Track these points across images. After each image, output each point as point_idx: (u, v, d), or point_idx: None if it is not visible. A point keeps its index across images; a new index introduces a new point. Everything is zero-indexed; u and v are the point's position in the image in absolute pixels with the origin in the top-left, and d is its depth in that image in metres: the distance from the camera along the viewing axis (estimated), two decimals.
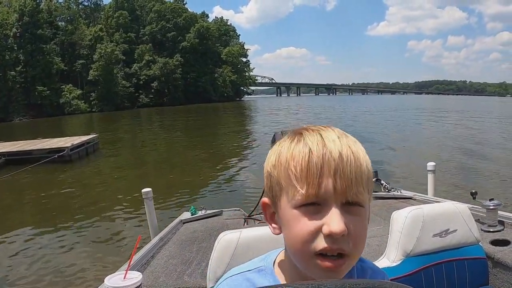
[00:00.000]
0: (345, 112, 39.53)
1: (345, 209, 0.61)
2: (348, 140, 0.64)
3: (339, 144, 0.63)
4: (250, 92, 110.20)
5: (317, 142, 0.63)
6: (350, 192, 0.60)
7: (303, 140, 0.64)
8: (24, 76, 57.09)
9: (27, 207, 8.84)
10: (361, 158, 0.63)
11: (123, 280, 1.10)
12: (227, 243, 1.30)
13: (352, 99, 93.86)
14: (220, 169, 11.82)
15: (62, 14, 68.80)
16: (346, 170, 0.61)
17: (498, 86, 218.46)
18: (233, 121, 33.52)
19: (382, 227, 2.75)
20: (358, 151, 0.63)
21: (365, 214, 0.63)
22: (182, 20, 77.68)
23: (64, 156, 13.56)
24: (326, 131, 0.65)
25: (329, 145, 0.62)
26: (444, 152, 13.31)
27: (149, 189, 3.45)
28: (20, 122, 49.04)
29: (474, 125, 23.58)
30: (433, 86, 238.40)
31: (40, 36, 58.65)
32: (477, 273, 1.77)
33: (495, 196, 2.60)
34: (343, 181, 0.60)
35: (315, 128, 0.66)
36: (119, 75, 65.65)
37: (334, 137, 0.64)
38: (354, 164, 0.61)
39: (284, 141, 0.67)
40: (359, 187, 0.61)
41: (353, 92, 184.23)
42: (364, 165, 0.63)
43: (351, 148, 0.63)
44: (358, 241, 0.61)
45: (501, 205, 2.30)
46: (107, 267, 4.78)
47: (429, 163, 3.96)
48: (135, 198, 8.48)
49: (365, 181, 0.62)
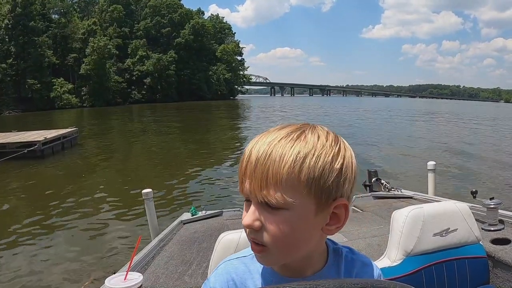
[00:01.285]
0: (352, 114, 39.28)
1: (264, 208, 0.64)
2: (284, 144, 0.64)
3: (265, 147, 0.64)
4: (244, 91, 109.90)
5: (253, 143, 0.66)
6: (260, 194, 0.63)
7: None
8: (15, 69, 56.27)
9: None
10: (284, 163, 0.63)
11: (124, 281, 1.08)
12: (227, 243, 1.31)
13: (352, 101, 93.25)
14: (220, 169, 11.57)
15: (55, 6, 67.93)
16: (258, 173, 0.63)
17: (491, 92, 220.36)
18: (229, 119, 33.19)
19: (382, 226, 2.72)
20: (285, 156, 0.63)
21: (285, 216, 0.64)
22: (177, 16, 77.07)
23: (35, 151, 12.60)
24: (271, 132, 0.67)
25: (255, 146, 0.65)
26: (445, 151, 13.34)
27: (149, 189, 3.43)
28: (9, 115, 48.18)
29: (474, 127, 23.75)
30: (427, 90, 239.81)
31: (32, 28, 57.73)
32: (477, 272, 1.77)
33: (495, 195, 2.73)
34: (254, 183, 0.64)
35: (273, 129, 0.68)
36: (112, 70, 64.81)
37: (268, 140, 0.65)
38: (269, 168, 0.63)
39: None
40: (269, 189, 0.63)
41: (347, 94, 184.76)
42: (283, 170, 0.62)
43: (276, 152, 0.63)
44: (273, 238, 0.64)
45: (501, 204, 2.30)
46: (108, 268, 4.76)
47: (429, 163, 3.94)
48: (112, 201, 8.26)
49: (281, 183, 0.62)
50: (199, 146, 16.69)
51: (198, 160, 13.11)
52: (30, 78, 55.91)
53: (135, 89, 68.76)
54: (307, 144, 0.64)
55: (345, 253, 0.78)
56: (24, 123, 26.71)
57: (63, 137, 14.77)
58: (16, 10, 57.12)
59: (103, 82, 61.38)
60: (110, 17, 71.73)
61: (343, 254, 0.78)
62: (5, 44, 56.60)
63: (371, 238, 2.50)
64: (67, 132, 15.45)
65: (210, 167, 11.94)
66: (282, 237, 0.64)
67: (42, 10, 62.07)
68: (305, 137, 0.65)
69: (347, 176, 0.66)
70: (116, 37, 69.12)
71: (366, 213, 3.17)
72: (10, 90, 54.37)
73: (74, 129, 16.31)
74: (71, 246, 5.84)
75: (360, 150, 12.73)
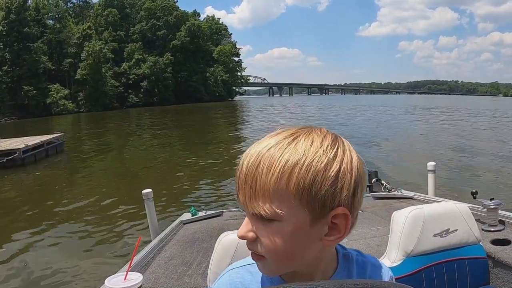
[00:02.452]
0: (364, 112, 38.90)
1: (257, 219, 0.62)
2: (273, 152, 0.61)
3: (255, 157, 0.62)
4: (242, 92, 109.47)
5: (246, 152, 0.64)
6: (250, 205, 0.62)
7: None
8: (11, 76, 55.82)
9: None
10: (272, 173, 0.60)
11: (124, 282, 1.10)
12: (227, 243, 1.31)
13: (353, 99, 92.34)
14: (220, 169, 11.40)
15: (50, 12, 67.51)
16: (247, 184, 0.61)
17: (490, 86, 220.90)
18: (228, 120, 32.91)
19: (382, 227, 2.67)
20: (272, 164, 0.60)
21: (277, 227, 0.62)
22: (173, 18, 76.63)
23: (15, 159, 11.79)
24: (267, 139, 0.64)
25: (247, 157, 0.63)
26: (445, 151, 13.09)
27: (149, 190, 3.37)
28: (5, 122, 47.65)
29: (474, 123, 23.39)
30: (425, 86, 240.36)
31: (27, 34, 57.30)
32: (477, 272, 1.77)
33: (495, 195, 2.60)
34: (245, 194, 0.62)
35: (272, 134, 0.66)
36: (108, 74, 64.38)
37: (261, 148, 0.62)
38: (255, 178, 0.61)
39: None
40: (258, 201, 0.61)
41: (346, 92, 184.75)
42: (273, 180, 0.60)
43: (263, 161, 0.61)
44: (268, 250, 0.63)
45: (501, 205, 2.27)
46: (108, 268, 4.72)
47: (429, 163, 3.88)
48: (108, 203, 8.06)
49: (269, 195, 0.60)
50: (199, 147, 16.48)
51: (198, 160, 13.02)
52: (26, 85, 55.50)
53: (132, 93, 68.25)
54: (297, 151, 0.60)
55: (355, 257, 0.76)
56: (18, 130, 26.16)
57: (47, 144, 13.90)
58: (10, 16, 56.65)
59: (99, 86, 60.92)
60: (105, 21, 71.31)
61: (353, 258, 0.75)
62: (0, 51, 56.16)
63: (371, 239, 2.48)
64: (51, 138, 14.58)
65: (210, 167, 11.84)
66: (275, 249, 0.62)
67: (36, 16, 61.67)
68: (297, 143, 0.61)
69: (344, 183, 0.61)
70: (112, 41, 68.69)
71: (366, 214, 3.12)
72: (6, 97, 53.96)
73: (60, 135, 15.41)
74: (71, 246, 5.81)
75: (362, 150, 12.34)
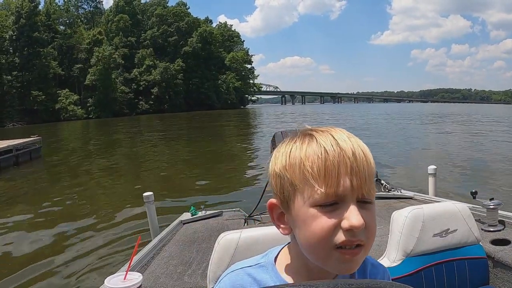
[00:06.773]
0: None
1: (359, 205, 0.63)
2: (357, 140, 0.66)
3: (350, 143, 0.64)
4: (255, 100, 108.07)
5: (331, 142, 0.64)
6: (365, 189, 0.63)
7: (315, 141, 0.65)
8: (20, 81, 55.21)
9: None
10: (370, 157, 0.65)
11: (123, 281, 1.11)
12: (227, 243, 1.31)
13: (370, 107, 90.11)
14: (219, 170, 11.38)
15: (61, 17, 67.03)
16: (360, 168, 0.63)
17: (503, 94, 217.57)
18: (232, 124, 32.98)
19: (382, 227, 2.55)
20: (367, 150, 0.66)
21: (375, 208, 0.66)
22: (184, 25, 75.74)
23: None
24: (336, 132, 0.66)
25: (342, 144, 0.64)
26: (445, 151, 13.49)
27: (150, 193, 3.36)
28: (13, 128, 46.71)
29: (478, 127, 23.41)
30: (438, 94, 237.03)
31: (37, 39, 56.72)
32: (477, 272, 1.77)
33: (495, 195, 2.60)
34: (358, 179, 0.63)
35: (325, 129, 0.67)
36: (118, 80, 63.50)
37: (344, 137, 0.65)
38: (365, 163, 0.64)
39: (291, 142, 0.68)
40: (371, 184, 0.64)
41: (359, 100, 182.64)
42: (372, 164, 0.65)
43: (361, 147, 0.65)
44: (372, 233, 0.65)
45: (501, 205, 2.26)
46: (107, 268, 4.66)
47: (430, 167, 3.85)
48: (106, 204, 7.95)
49: (374, 178, 0.66)
50: (199, 147, 16.62)
51: (198, 160, 13.05)
52: (35, 90, 54.86)
53: (142, 99, 67.30)
54: (362, 142, 0.67)
55: None
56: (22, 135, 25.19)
57: (16, 149, 12.20)
58: (20, 21, 56.10)
59: (109, 92, 60.04)
60: (116, 27, 70.69)
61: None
62: (10, 56, 55.62)
63: None
64: (22, 142, 12.99)
65: (210, 167, 11.86)
66: (375, 231, 0.65)
67: (47, 21, 61.18)
68: (355, 137, 0.68)
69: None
70: (123, 47, 67.91)
71: None
72: (15, 102, 53.31)
73: (36, 138, 13.82)
74: (71, 246, 5.67)
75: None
